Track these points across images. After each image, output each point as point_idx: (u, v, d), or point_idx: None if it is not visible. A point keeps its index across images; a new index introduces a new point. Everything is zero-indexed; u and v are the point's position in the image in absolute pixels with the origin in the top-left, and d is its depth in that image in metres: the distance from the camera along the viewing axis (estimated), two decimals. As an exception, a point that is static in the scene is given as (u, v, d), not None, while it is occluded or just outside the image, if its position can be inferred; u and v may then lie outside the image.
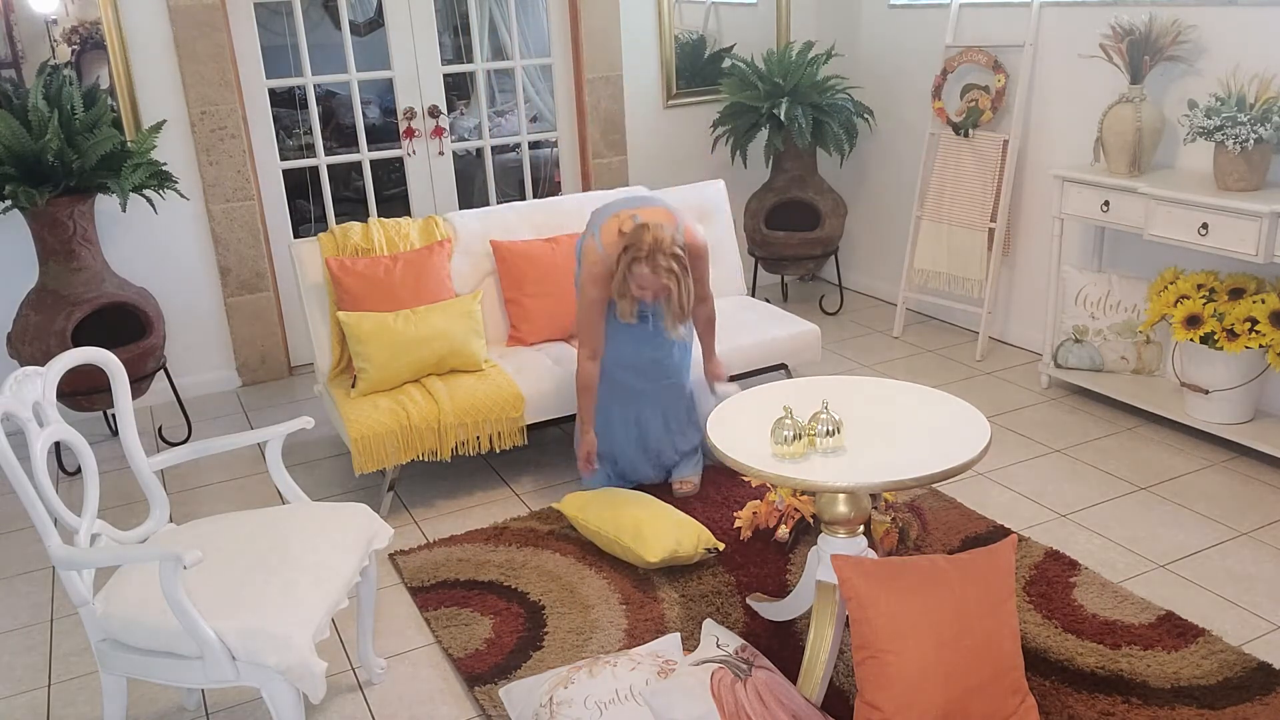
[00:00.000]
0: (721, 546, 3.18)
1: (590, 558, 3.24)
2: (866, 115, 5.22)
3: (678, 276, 3.15)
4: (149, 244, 4.53)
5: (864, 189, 5.62)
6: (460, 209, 5.03)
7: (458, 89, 6.82)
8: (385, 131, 6.18)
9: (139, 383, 4.05)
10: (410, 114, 5.02)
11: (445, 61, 5.11)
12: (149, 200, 4.04)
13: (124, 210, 3.87)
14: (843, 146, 5.08)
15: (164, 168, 4.04)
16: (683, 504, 3.49)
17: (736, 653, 2.47)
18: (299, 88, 4.92)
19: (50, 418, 2.37)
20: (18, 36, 4.11)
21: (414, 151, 5.08)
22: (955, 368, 4.66)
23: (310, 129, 4.93)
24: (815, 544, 2.55)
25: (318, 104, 5.10)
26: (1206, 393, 3.69)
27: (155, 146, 4.05)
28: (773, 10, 5.55)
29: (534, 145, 5.86)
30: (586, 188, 5.30)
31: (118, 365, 2.53)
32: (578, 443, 3.56)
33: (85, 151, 3.73)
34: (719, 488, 3.60)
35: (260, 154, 4.74)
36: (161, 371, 4.24)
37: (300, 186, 5.40)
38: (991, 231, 4.65)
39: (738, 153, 5.20)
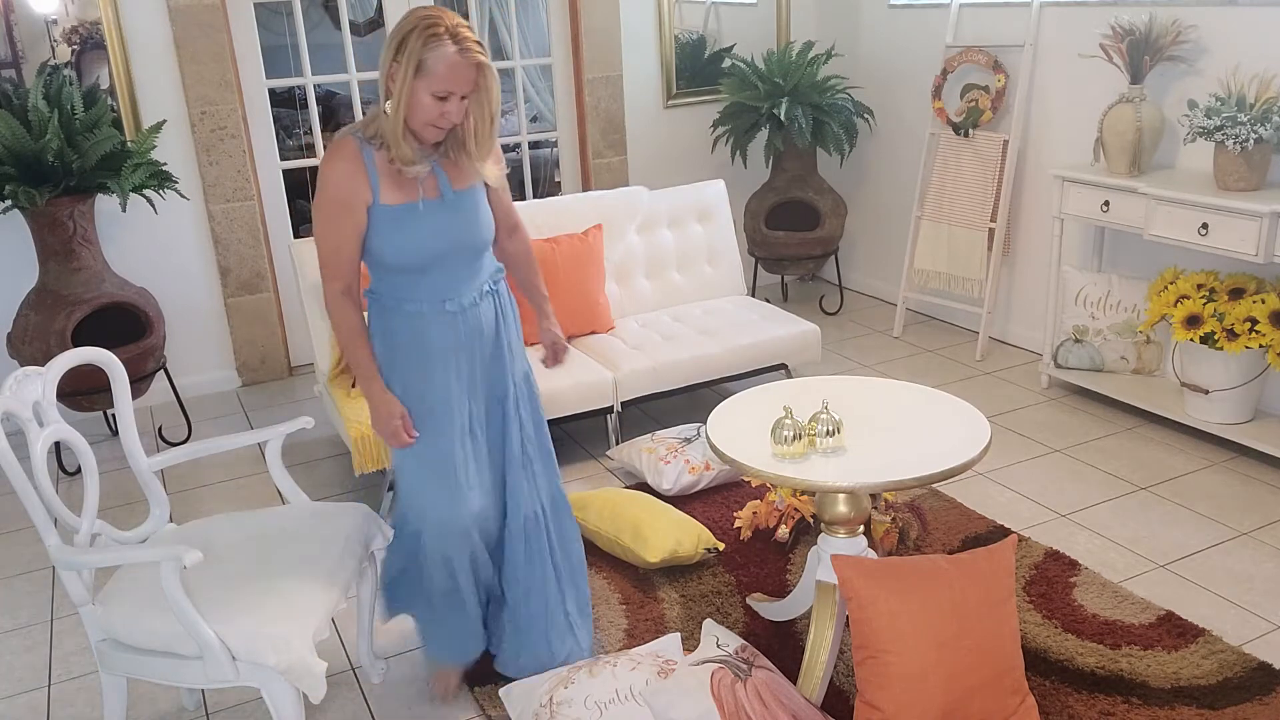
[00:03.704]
0: (721, 546, 3.18)
1: (590, 558, 3.22)
2: (866, 115, 5.22)
3: (492, 68, 2.21)
4: (149, 244, 4.52)
5: (864, 189, 5.62)
6: (460, 209, 5.02)
7: (458, 89, 6.81)
8: (385, 131, 6.17)
9: (139, 383, 4.04)
10: (410, 114, 5.01)
11: (445, 61, 5.10)
12: (149, 200, 4.04)
13: (124, 210, 3.87)
14: (843, 146, 5.08)
15: (164, 168, 4.04)
16: (683, 504, 3.48)
17: (736, 653, 2.47)
18: (299, 88, 4.93)
19: (50, 418, 2.36)
20: (18, 36, 4.11)
21: (414, 151, 5.07)
22: (955, 368, 4.65)
23: (310, 129, 4.93)
24: (815, 544, 2.55)
25: (318, 104, 5.10)
26: (1206, 393, 3.68)
27: (155, 146, 4.05)
28: (773, 10, 5.55)
29: (534, 145, 5.87)
30: (586, 188, 5.29)
31: (118, 365, 2.53)
32: (378, 415, 2.36)
33: (85, 151, 3.73)
34: (719, 487, 3.60)
35: (260, 154, 4.73)
36: (161, 371, 4.23)
37: (300, 186, 5.40)
38: (991, 231, 4.65)
39: (738, 153, 5.19)
